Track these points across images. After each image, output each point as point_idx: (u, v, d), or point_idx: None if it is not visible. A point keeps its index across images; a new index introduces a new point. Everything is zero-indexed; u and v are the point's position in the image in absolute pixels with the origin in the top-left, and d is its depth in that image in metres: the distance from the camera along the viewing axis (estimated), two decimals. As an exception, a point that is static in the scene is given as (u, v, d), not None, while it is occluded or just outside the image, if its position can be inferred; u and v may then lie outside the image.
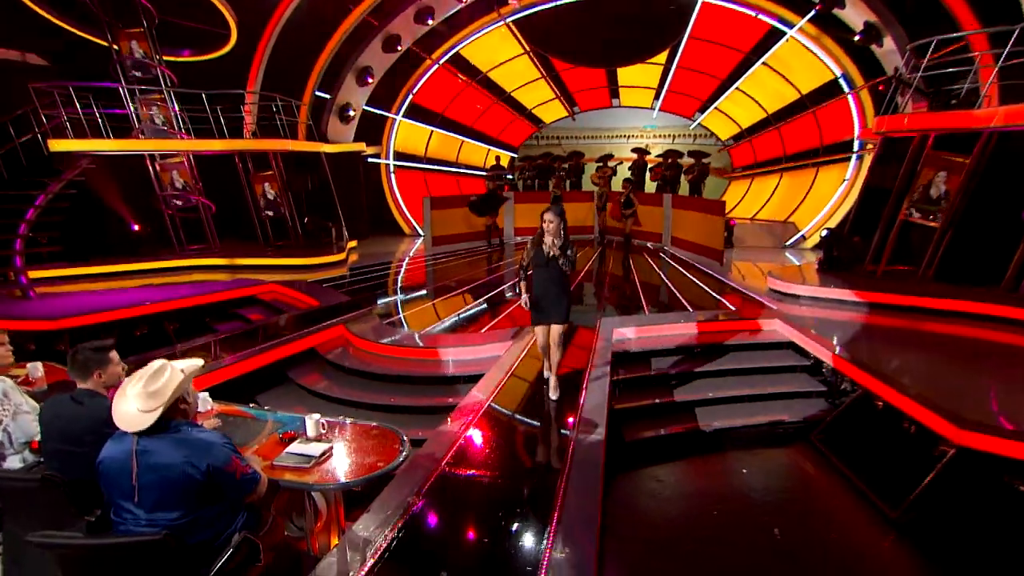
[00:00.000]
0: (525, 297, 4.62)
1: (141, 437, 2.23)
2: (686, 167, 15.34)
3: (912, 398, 4.59)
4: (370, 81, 14.63)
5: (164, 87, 10.95)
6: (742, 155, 17.45)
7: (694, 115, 17.82)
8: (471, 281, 9.85)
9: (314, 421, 2.95)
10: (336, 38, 13.61)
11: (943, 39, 8.00)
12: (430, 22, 14.31)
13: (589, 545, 2.76)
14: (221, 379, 5.26)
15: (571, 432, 4.08)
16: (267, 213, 12.38)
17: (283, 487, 2.87)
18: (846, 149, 13.22)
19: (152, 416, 2.21)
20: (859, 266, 8.77)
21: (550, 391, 4.74)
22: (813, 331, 6.31)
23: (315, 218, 12.86)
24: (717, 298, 8.24)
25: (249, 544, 2.38)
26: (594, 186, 15.34)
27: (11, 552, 2.50)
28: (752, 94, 15.55)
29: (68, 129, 9.79)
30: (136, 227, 11.75)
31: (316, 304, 7.93)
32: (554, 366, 4.71)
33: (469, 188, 18.06)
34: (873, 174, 9.34)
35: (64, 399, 2.65)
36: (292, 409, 3.76)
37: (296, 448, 2.80)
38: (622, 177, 15.86)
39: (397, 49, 14.59)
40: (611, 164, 16.00)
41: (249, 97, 12.43)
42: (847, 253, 8.74)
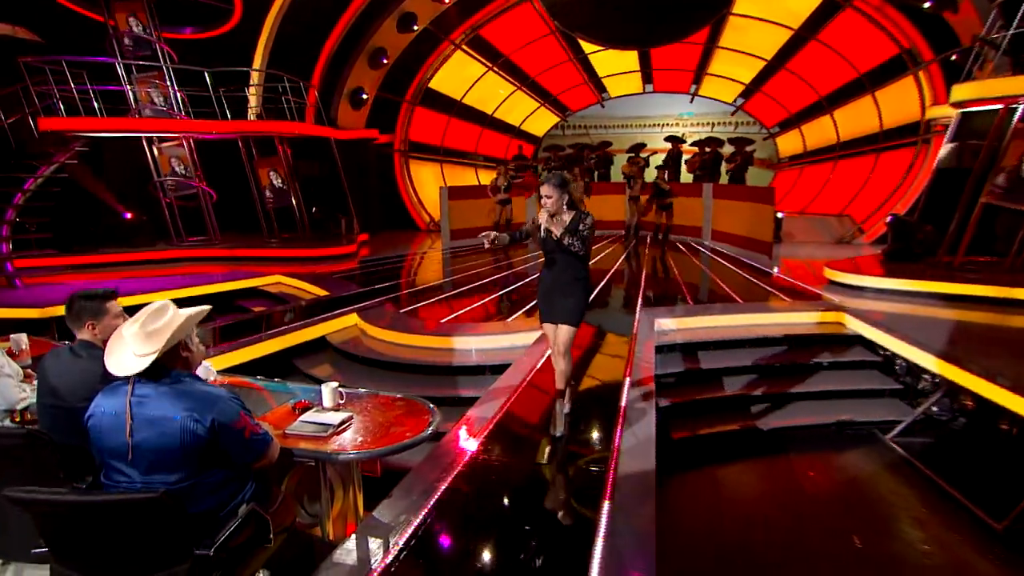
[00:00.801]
0: (494, 235, 3.73)
1: (137, 385, 2.09)
2: (726, 156, 15.11)
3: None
4: (385, 62, 14.65)
5: (163, 64, 11.03)
6: (790, 143, 17.14)
7: (735, 100, 17.58)
8: (492, 277, 9.69)
9: (331, 389, 2.80)
10: (348, 16, 13.67)
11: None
12: (447, 0, 14.33)
13: (643, 559, 2.54)
14: (222, 367, 5.15)
15: (615, 430, 3.86)
16: (271, 200, 12.39)
17: (296, 458, 2.72)
18: (911, 132, 12.84)
19: (147, 360, 2.07)
20: (930, 257, 8.43)
21: (558, 411, 3.93)
22: (885, 324, 6.03)
23: (324, 208, 12.85)
24: (769, 291, 8.00)
25: (257, 518, 2.22)
26: (624, 178, 15.15)
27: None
28: (802, 75, 15.26)
29: (60, 108, 9.88)
30: (130, 215, 11.83)
31: (326, 294, 7.86)
32: (559, 378, 3.92)
33: (489, 181, 17.98)
34: (947, 154, 9.01)
35: (63, 351, 2.56)
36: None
37: (312, 416, 2.65)
38: (655, 168, 15.66)
39: (413, 29, 14.63)
40: (643, 154, 15.82)
41: (254, 76, 12.49)
42: (917, 242, 8.41)
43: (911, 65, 12.53)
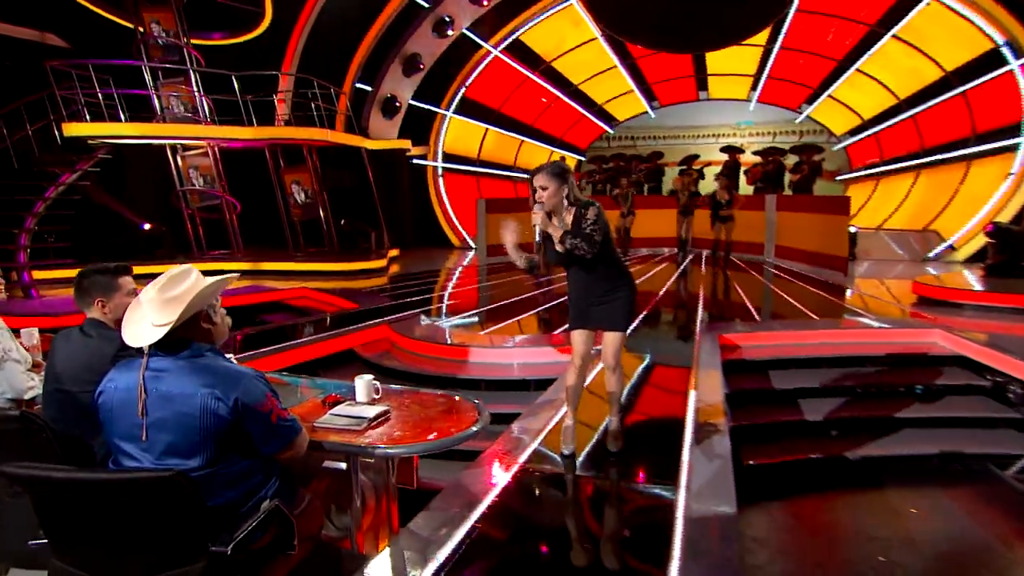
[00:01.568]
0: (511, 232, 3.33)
1: (153, 358, 2.00)
2: (790, 167, 14.80)
3: None
4: (421, 67, 14.91)
5: (190, 68, 11.43)
6: (863, 152, 16.69)
7: (801, 107, 17.31)
8: (532, 293, 9.58)
9: (366, 381, 2.68)
10: (382, 20, 14.02)
11: None
12: (486, 3, 14.58)
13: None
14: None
15: (681, 449, 3.63)
16: (298, 211, 12.60)
17: (325, 464, 2.60)
18: (1011, 135, 12.28)
19: (163, 330, 1.98)
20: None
21: (608, 441, 3.62)
22: (995, 345, 5.66)
23: (353, 221, 13.01)
24: (848, 307, 7.71)
25: (281, 518, 2.08)
26: (674, 192, 14.96)
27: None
28: (878, 76, 14.91)
29: (84, 113, 10.29)
30: (149, 226, 12.16)
31: (354, 307, 7.88)
32: (612, 401, 3.60)
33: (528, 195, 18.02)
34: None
35: (72, 331, 2.52)
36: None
37: (344, 410, 2.53)
38: (710, 182, 15.45)
39: (448, 34, 14.91)
40: (696, 167, 15.65)
41: (284, 81, 12.84)
42: (1024, 255, 7.97)
43: (1010, 60, 12.03)
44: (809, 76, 16.17)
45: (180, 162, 12.01)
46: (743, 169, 15.84)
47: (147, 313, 2.02)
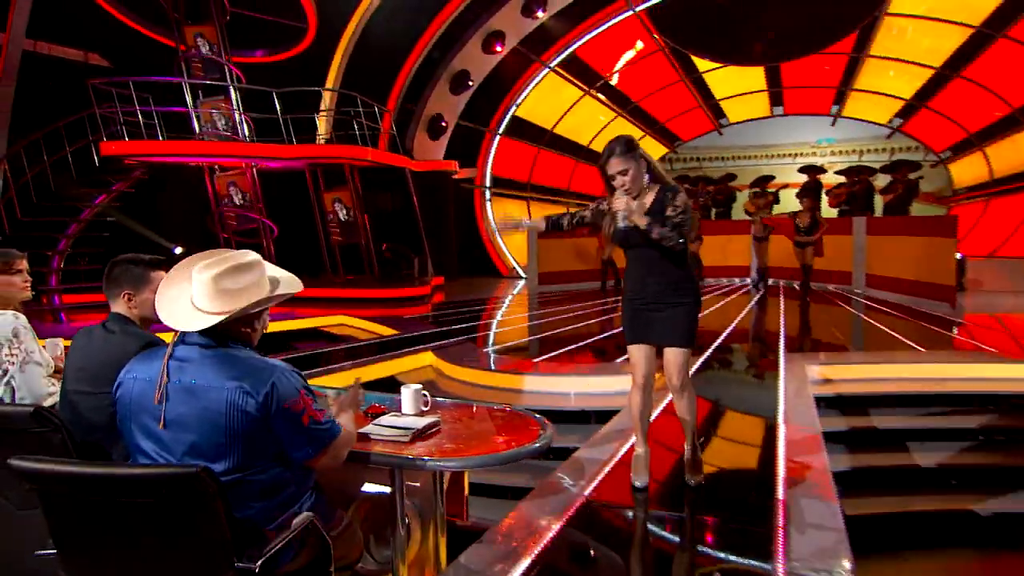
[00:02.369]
0: (525, 220, 3.60)
1: (180, 346, 1.93)
2: (880, 188, 14.31)
3: None
4: (470, 85, 15.15)
5: (230, 85, 11.87)
6: (969, 170, 16.05)
7: (892, 120, 16.82)
8: (588, 321, 9.41)
9: (414, 391, 2.57)
10: (429, 35, 14.36)
11: None
12: (540, 14, 14.80)
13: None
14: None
15: (775, 490, 3.37)
16: (337, 235, 12.81)
17: (364, 491, 2.49)
18: None
19: (206, 321, 1.91)
20: None
21: (687, 473, 3.38)
22: None
23: (395, 246, 13.14)
24: (960, 339, 7.30)
25: (317, 536, 1.95)
26: (748, 216, 14.66)
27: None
28: (986, 83, 14.37)
29: (123, 132, 10.75)
30: (181, 250, 12.52)
31: (395, 333, 7.89)
32: (686, 428, 3.36)
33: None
34: None
35: (95, 328, 2.47)
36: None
37: (390, 420, 2.41)
38: (787, 205, 15.08)
39: (498, 50, 15.16)
40: (771, 189, 15.33)
41: (326, 98, 13.20)
42: None
43: None
44: (902, 86, 15.74)
45: (216, 183, 12.40)
46: (824, 190, 15.39)
47: (194, 292, 1.95)
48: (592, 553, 2.83)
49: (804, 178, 15.73)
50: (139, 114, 10.76)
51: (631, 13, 15.24)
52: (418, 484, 2.60)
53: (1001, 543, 4.36)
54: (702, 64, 16.70)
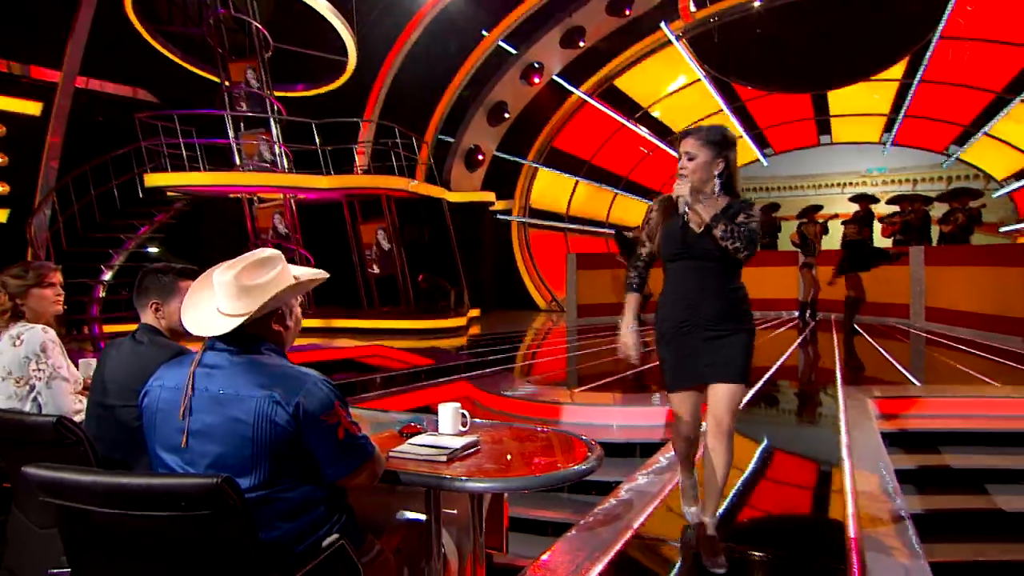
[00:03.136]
0: (630, 331, 2.92)
1: (208, 353, 1.85)
2: (937, 219, 13.78)
3: None
4: (507, 116, 15.30)
5: (271, 117, 12.16)
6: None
7: (948, 148, 16.39)
8: (629, 363, 9.20)
9: (452, 409, 2.44)
10: (467, 67, 14.57)
11: None
12: (581, 44, 14.91)
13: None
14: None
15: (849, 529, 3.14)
16: (374, 266, 12.89)
17: (398, 518, 2.37)
18: None
19: (232, 322, 1.83)
20: None
21: (703, 552, 2.69)
22: None
23: (431, 278, 13.17)
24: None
25: (346, 561, 1.83)
26: (795, 247, 14.26)
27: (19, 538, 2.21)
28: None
29: (167, 164, 11.07)
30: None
31: (431, 363, 7.83)
32: (710, 489, 2.73)
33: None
34: None
35: (124, 341, 2.45)
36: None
37: (426, 439, 2.29)
38: (835, 236, 14.62)
39: (536, 81, 15.30)
40: (819, 219, 14.93)
41: (364, 130, 13.43)
42: None
43: None
44: (959, 112, 15.34)
45: (255, 214, 12.63)
46: (877, 218, 14.92)
47: (217, 297, 1.89)
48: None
49: (855, 208, 15.28)
50: (182, 146, 11.07)
51: (672, 43, 15.26)
52: (455, 512, 2.47)
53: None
54: (744, 92, 16.58)
